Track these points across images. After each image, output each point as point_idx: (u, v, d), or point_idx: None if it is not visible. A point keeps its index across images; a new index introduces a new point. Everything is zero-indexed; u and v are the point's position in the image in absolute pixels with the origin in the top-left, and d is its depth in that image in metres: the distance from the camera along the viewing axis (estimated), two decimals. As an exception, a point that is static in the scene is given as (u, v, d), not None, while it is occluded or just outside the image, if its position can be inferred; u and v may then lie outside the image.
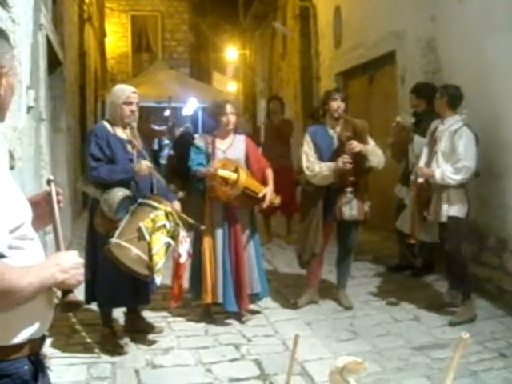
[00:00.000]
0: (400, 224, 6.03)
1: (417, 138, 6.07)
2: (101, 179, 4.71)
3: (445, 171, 5.25)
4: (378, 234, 9.03)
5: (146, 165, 4.74)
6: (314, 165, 5.59)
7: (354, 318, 5.63)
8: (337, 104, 5.64)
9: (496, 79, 5.79)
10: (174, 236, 4.61)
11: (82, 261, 2.01)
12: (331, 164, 5.51)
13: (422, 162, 5.58)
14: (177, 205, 4.97)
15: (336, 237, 5.99)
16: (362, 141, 5.55)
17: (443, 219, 5.33)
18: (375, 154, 5.62)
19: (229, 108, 5.47)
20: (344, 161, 5.41)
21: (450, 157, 5.31)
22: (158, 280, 4.50)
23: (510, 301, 5.63)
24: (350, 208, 5.64)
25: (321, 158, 5.63)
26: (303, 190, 5.99)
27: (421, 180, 5.44)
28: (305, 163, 5.65)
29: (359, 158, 5.51)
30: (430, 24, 7.13)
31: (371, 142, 5.68)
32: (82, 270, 2.00)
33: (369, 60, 9.43)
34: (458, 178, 5.22)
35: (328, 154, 5.62)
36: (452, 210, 5.31)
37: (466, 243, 5.51)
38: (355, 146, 5.44)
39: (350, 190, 5.56)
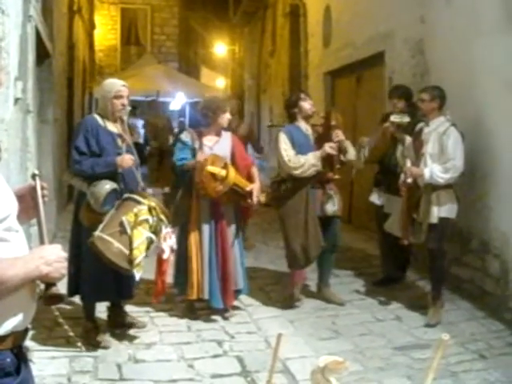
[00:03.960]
0: (389, 226, 5.97)
1: (408, 140, 5.99)
2: (83, 172, 4.72)
3: (434, 170, 5.27)
4: (362, 233, 9.06)
5: (129, 158, 4.74)
6: (297, 157, 5.62)
7: (336, 316, 5.64)
8: (309, 103, 5.80)
9: (481, 83, 5.82)
10: (156, 231, 4.61)
11: (65, 254, 2.02)
12: (316, 152, 5.59)
13: (408, 165, 5.60)
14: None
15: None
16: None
17: (434, 220, 5.35)
18: (352, 147, 5.86)
19: (228, 107, 5.59)
20: (331, 146, 5.54)
21: (438, 158, 5.33)
22: (138, 275, 4.49)
23: (491, 302, 5.67)
24: (333, 204, 5.74)
25: (298, 153, 5.67)
26: (281, 190, 5.91)
27: (409, 180, 5.45)
28: (286, 157, 5.65)
29: (339, 150, 5.68)
30: (419, 25, 7.15)
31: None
32: (65, 264, 2.00)
33: (357, 60, 9.43)
34: (447, 176, 5.25)
35: (305, 149, 5.66)
36: (442, 210, 5.35)
37: (447, 244, 5.56)
38: (340, 134, 5.64)
39: (336, 177, 5.70)
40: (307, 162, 5.57)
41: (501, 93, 5.56)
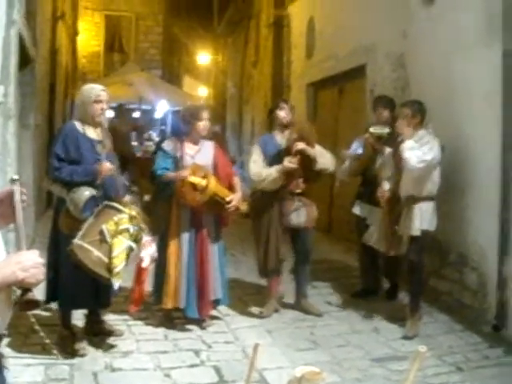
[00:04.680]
0: (367, 239, 5.97)
1: (388, 151, 5.99)
2: (62, 180, 4.68)
3: (414, 149, 5.24)
4: (341, 245, 9.07)
5: (107, 166, 4.71)
6: (260, 170, 5.70)
7: (314, 327, 5.64)
8: (284, 112, 5.84)
9: (461, 96, 5.89)
10: (136, 240, 4.59)
11: (42, 260, 2.00)
12: (278, 166, 5.63)
13: (384, 179, 5.63)
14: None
15: (291, 245, 6.01)
16: (309, 143, 5.69)
17: (416, 233, 5.36)
18: (323, 156, 5.78)
19: (205, 114, 5.53)
20: (289, 160, 5.56)
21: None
22: (117, 284, 4.46)
23: (469, 315, 5.71)
24: (298, 215, 5.73)
25: (270, 165, 5.74)
26: (252, 201, 6.02)
27: (386, 187, 5.49)
28: (252, 170, 5.76)
29: (307, 161, 5.65)
30: (401, 40, 7.21)
31: (318, 147, 5.81)
32: (42, 270, 1.98)
33: (339, 72, 9.52)
34: (413, 161, 5.17)
35: (276, 160, 5.72)
36: (424, 223, 5.36)
37: (426, 256, 5.58)
38: (302, 147, 5.60)
39: (299, 190, 5.73)
40: (268, 177, 5.64)
41: (480, 106, 5.62)
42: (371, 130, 6.01)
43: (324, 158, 5.78)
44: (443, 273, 6.15)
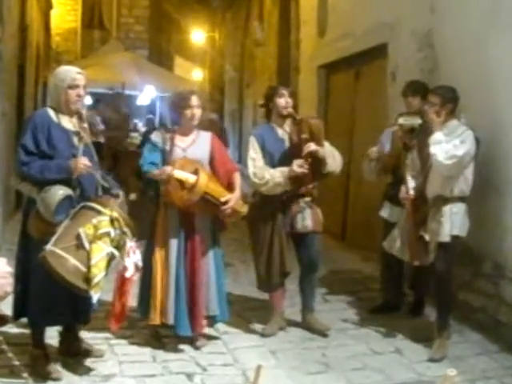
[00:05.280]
0: (389, 246, 6.01)
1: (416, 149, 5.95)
2: (31, 176, 4.67)
3: (443, 142, 5.26)
4: (358, 253, 9.09)
5: (82, 163, 4.67)
6: (262, 171, 5.66)
7: (326, 348, 5.64)
8: (285, 100, 5.76)
9: (498, 82, 5.89)
10: (118, 246, 4.58)
11: (10, 269, 2.00)
12: (284, 169, 5.59)
13: (409, 177, 5.64)
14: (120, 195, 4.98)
15: (295, 253, 6.01)
16: (319, 143, 5.66)
17: (445, 239, 5.36)
18: (333, 157, 5.75)
19: (194, 100, 5.45)
20: (299, 164, 5.52)
21: None
22: (95, 296, 4.45)
23: (505, 334, 5.71)
24: (303, 218, 5.72)
25: (271, 164, 5.71)
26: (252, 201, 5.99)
27: (412, 192, 5.51)
28: (251, 169, 5.72)
29: (316, 163, 5.63)
30: (428, 15, 7.22)
31: (327, 144, 5.79)
32: (10, 280, 1.99)
33: (356, 52, 9.52)
34: (442, 157, 5.21)
35: (278, 158, 5.72)
36: (454, 227, 5.37)
37: (455, 266, 5.60)
38: (314, 149, 5.55)
39: (307, 199, 5.69)
40: (271, 180, 5.61)
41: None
42: (400, 121, 5.92)
43: (332, 159, 5.75)
44: (476, 285, 6.16)
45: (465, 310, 6.14)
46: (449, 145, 5.24)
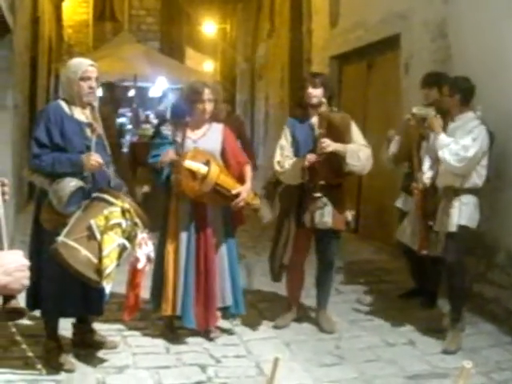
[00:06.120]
0: (400, 235, 6.00)
1: (433, 136, 5.94)
2: (43, 169, 4.68)
3: (449, 144, 5.24)
4: (371, 244, 9.10)
5: (94, 160, 4.65)
6: (285, 159, 5.63)
7: (339, 339, 5.64)
8: (312, 90, 5.61)
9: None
10: (130, 237, 4.57)
11: (27, 262, 2.00)
12: (298, 160, 5.54)
13: (426, 166, 5.60)
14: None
15: (314, 249, 5.98)
16: (340, 139, 5.49)
17: (452, 229, 5.35)
18: (356, 158, 5.50)
19: (207, 94, 5.39)
20: (309, 159, 5.43)
21: None
22: (108, 288, 4.46)
23: (519, 326, 5.70)
24: (322, 215, 5.59)
25: (297, 153, 5.65)
26: (280, 191, 5.97)
27: (426, 181, 5.48)
28: (277, 158, 5.68)
29: (335, 159, 5.47)
30: (442, 5, 7.19)
31: (359, 141, 5.61)
32: (27, 273, 1.98)
33: (369, 43, 9.47)
34: (452, 161, 5.21)
35: (305, 147, 5.60)
36: (462, 218, 5.34)
37: (468, 257, 5.56)
38: (327, 145, 5.39)
39: (318, 195, 5.50)
40: (288, 170, 5.57)
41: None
42: (414, 110, 5.90)
43: (356, 160, 5.50)
44: (489, 276, 6.14)
45: (478, 301, 6.12)
46: (457, 145, 5.23)
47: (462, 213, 5.35)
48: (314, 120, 5.67)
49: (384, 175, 6.77)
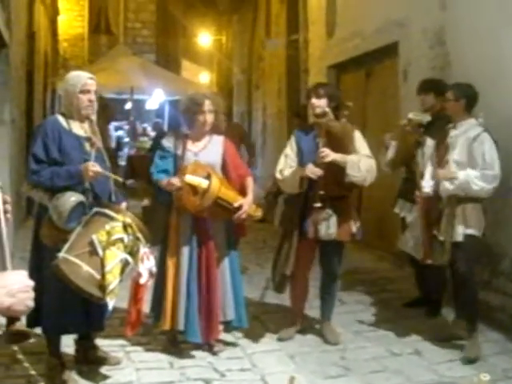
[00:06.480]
0: (403, 244, 5.94)
1: (429, 142, 5.87)
2: (42, 184, 4.65)
3: (470, 174, 5.22)
4: (372, 253, 9.07)
5: (93, 168, 4.63)
6: (284, 168, 5.61)
7: (344, 350, 5.60)
8: (316, 101, 5.58)
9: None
10: (132, 252, 4.54)
11: (32, 283, 1.96)
12: (298, 169, 5.51)
13: (427, 174, 5.57)
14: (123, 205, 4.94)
15: (318, 260, 5.93)
16: (342, 148, 5.43)
17: (459, 238, 5.31)
18: (357, 169, 5.39)
19: (207, 105, 5.37)
20: (308, 169, 5.39)
21: (464, 167, 5.30)
22: (111, 304, 4.42)
23: (525, 334, 5.66)
24: (327, 226, 5.53)
25: (301, 163, 5.59)
26: (285, 200, 5.96)
27: (427, 190, 5.45)
28: (280, 166, 5.66)
29: (336, 170, 5.39)
30: (440, 12, 7.18)
31: (362, 151, 5.53)
32: (31, 294, 1.95)
33: (366, 52, 9.46)
34: (486, 186, 5.20)
35: (310, 158, 5.53)
36: (469, 227, 5.31)
37: (477, 266, 5.52)
38: (326, 155, 5.33)
39: (318, 205, 5.40)
40: (287, 179, 5.55)
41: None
42: (410, 115, 5.97)
43: (356, 171, 5.38)
44: (494, 284, 6.11)
45: (484, 308, 6.05)
46: (478, 170, 5.21)
47: (468, 222, 5.31)
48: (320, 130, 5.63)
49: (385, 184, 6.73)
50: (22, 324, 1.94)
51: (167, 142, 5.50)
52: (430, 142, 5.87)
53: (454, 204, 5.36)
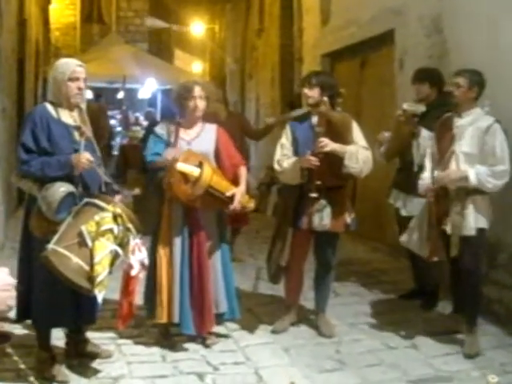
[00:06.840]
0: (407, 241, 5.77)
1: (424, 133, 5.85)
2: (32, 174, 4.59)
3: (481, 172, 5.11)
4: (367, 245, 9.04)
5: (84, 158, 4.56)
6: (283, 159, 5.55)
7: (339, 343, 5.55)
8: (308, 91, 5.54)
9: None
10: (122, 243, 4.48)
11: (13, 281, 1.88)
12: (296, 159, 5.46)
13: (427, 166, 5.48)
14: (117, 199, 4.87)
15: (313, 251, 5.88)
16: (340, 139, 5.38)
17: (471, 232, 5.20)
18: (355, 159, 5.36)
19: (197, 91, 5.35)
20: (306, 158, 5.33)
21: (475, 159, 5.17)
22: (100, 296, 4.36)
23: (524, 327, 5.63)
24: (321, 217, 5.48)
25: (297, 152, 5.55)
26: (279, 191, 5.92)
27: (427, 180, 5.39)
28: (277, 156, 5.61)
29: (334, 160, 5.34)
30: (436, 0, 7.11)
31: (359, 143, 5.48)
32: (13, 293, 1.87)
33: (361, 40, 9.40)
34: (498, 182, 5.11)
35: (305, 147, 5.47)
36: (480, 220, 5.22)
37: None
38: (325, 144, 5.28)
39: (314, 195, 5.35)
40: (286, 170, 5.50)
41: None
42: (405, 106, 5.92)
43: (354, 162, 5.35)
44: (492, 277, 6.05)
45: (481, 301, 6.02)
46: (488, 165, 5.10)
47: (478, 214, 5.22)
48: (315, 120, 5.54)
49: (380, 175, 6.66)
50: (1, 325, 1.85)
51: (160, 130, 5.46)
52: (425, 133, 5.82)
53: (462, 197, 5.22)
